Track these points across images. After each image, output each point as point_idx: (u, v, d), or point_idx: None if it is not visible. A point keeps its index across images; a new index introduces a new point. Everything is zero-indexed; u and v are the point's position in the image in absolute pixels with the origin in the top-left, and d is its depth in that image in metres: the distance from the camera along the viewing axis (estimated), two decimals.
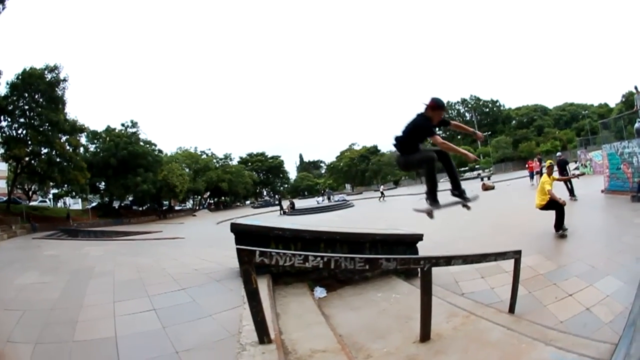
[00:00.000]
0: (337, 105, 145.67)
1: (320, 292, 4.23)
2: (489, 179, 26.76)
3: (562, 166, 12.40)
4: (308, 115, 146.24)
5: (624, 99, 43.81)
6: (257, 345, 2.39)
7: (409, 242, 5.39)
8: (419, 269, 2.76)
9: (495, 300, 4.15)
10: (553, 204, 6.72)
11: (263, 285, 3.85)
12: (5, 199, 23.99)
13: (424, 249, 5.61)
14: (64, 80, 20.73)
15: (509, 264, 3.83)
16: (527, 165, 21.38)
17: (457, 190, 3.29)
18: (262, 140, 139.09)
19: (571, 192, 11.40)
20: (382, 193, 29.71)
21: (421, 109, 3.00)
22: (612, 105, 57.09)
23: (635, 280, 3.79)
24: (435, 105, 2.95)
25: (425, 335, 2.79)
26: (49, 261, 7.78)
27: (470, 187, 23.76)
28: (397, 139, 3.08)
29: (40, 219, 20.75)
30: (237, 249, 2.51)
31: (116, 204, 33.48)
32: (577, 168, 21.56)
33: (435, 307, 3.09)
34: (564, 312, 3.70)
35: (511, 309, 3.68)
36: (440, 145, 2.96)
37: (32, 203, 26.87)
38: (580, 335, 3.07)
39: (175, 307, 3.42)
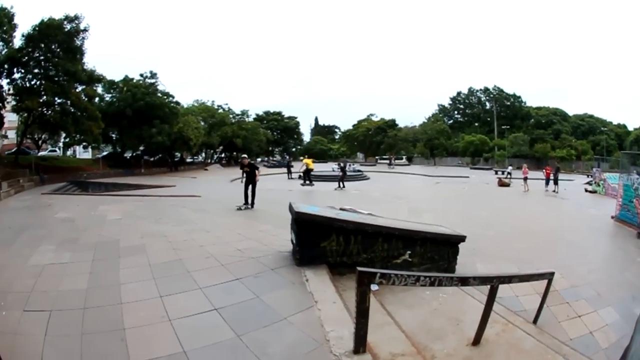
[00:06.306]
0: (360, 71, 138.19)
1: (373, 285, 4.31)
2: (510, 174, 27.40)
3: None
4: (329, 78, 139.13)
5: None
6: (353, 356, 2.30)
7: (454, 242, 5.45)
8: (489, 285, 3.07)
9: (520, 308, 4.34)
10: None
11: (324, 278, 3.82)
12: (14, 150, 23.98)
13: None
14: (84, 30, 19.53)
15: None
16: (544, 171, 22.27)
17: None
18: (278, 97, 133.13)
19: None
20: (390, 161, 42.61)
21: None
22: (630, 128, 58.54)
23: (628, 315, 4.21)
24: None
25: (477, 339, 3.05)
26: (63, 228, 7.05)
27: (487, 178, 25.09)
28: None
29: (50, 169, 20.79)
30: (358, 271, 2.38)
31: (127, 154, 33.09)
32: (589, 183, 23.43)
33: (478, 310, 3.16)
34: (573, 331, 4.04)
35: (535, 321, 4.00)
36: None
37: (41, 153, 26.77)
38: (585, 355, 3.29)
39: (239, 305, 2.91)
